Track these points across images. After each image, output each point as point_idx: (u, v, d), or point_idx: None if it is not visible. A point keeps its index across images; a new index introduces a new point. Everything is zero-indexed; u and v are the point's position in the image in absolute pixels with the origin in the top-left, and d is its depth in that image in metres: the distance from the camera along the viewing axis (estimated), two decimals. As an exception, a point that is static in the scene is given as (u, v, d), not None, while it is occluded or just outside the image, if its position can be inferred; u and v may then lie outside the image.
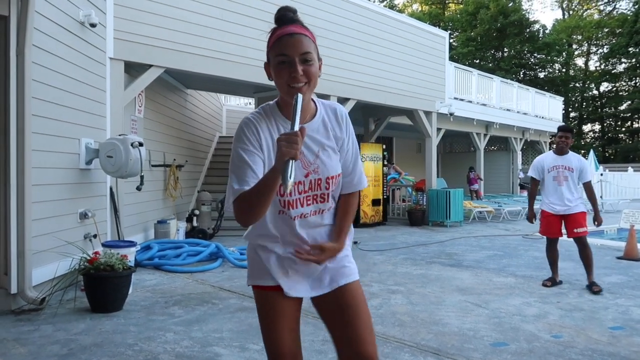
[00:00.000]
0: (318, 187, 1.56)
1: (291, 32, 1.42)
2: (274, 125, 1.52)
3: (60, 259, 4.41)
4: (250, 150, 1.46)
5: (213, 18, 6.90)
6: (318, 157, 1.54)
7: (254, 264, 1.65)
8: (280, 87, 1.46)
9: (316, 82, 1.46)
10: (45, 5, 4.37)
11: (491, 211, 12.27)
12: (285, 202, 1.54)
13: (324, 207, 1.60)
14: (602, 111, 36.29)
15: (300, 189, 1.54)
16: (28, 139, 4.01)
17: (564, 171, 5.06)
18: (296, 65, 1.40)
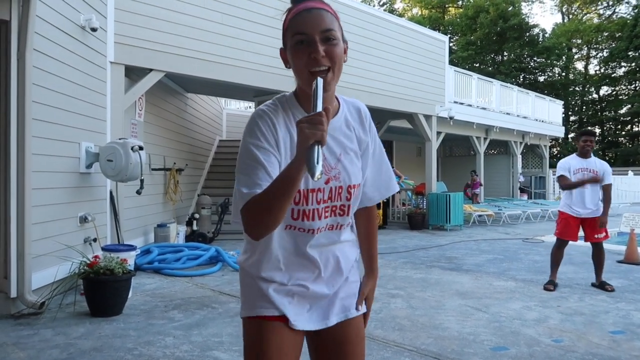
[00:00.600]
0: (338, 196, 1.30)
1: (310, 7, 1.20)
2: (292, 121, 1.26)
3: (60, 263, 4.40)
4: (264, 147, 1.20)
5: (213, 22, 6.92)
6: (340, 161, 1.30)
7: (251, 290, 1.35)
8: (298, 74, 1.22)
9: (341, 67, 1.23)
10: (46, 9, 4.39)
11: (491, 215, 12.27)
12: (300, 213, 1.26)
13: (342, 221, 1.34)
14: (602, 115, 36.33)
15: (319, 197, 1.27)
16: (28, 143, 4.01)
17: (588, 174, 5.09)
18: (317, 44, 1.17)
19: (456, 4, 39.54)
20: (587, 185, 5.03)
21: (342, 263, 1.38)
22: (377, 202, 1.49)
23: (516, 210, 13.01)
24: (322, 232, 1.31)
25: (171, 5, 6.46)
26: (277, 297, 1.31)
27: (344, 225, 1.35)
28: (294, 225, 1.28)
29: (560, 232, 5.28)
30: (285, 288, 1.32)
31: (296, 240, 1.30)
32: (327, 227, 1.31)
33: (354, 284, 1.43)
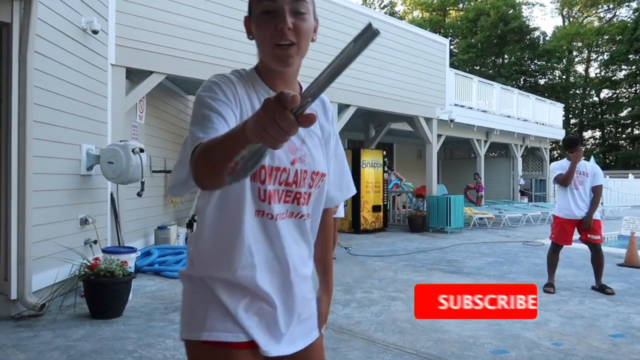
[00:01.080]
0: (302, 182, 1.15)
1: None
2: (254, 93, 1.14)
3: (60, 265, 4.40)
4: (221, 99, 1.05)
5: (214, 25, 6.94)
6: (304, 142, 1.16)
7: (207, 303, 1.10)
8: (262, 46, 1.10)
9: (307, 45, 1.11)
10: (47, 12, 4.40)
11: (491, 217, 12.26)
12: (266, 194, 1.09)
13: (298, 211, 1.16)
14: (602, 118, 36.34)
15: (282, 177, 1.11)
16: (29, 145, 4.02)
17: (579, 176, 5.19)
18: (285, 14, 1.05)
19: (457, 7, 39.60)
20: (578, 185, 5.15)
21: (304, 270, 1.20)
22: (338, 203, 1.37)
23: (516, 213, 13.00)
24: (283, 219, 1.13)
25: (172, 8, 6.48)
26: (246, 317, 1.09)
27: (305, 217, 1.18)
28: (262, 210, 1.10)
29: (556, 236, 5.32)
30: (256, 305, 1.11)
31: (270, 230, 1.12)
32: (287, 214, 1.14)
33: (312, 302, 1.27)
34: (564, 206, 5.24)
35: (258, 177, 1.09)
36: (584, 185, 5.16)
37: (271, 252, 1.13)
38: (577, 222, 5.19)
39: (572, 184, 5.18)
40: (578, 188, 5.17)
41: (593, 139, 38.52)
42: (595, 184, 5.17)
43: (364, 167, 10.72)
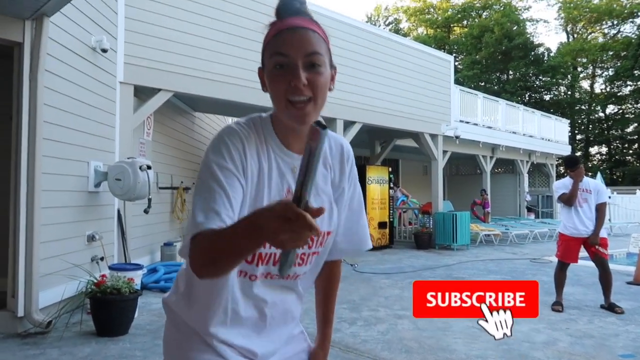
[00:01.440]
0: None
1: (294, 25, 1.01)
2: (265, 149, 1.08)
3: (67, 282, 4.41)
4: (228, 168, 1.00)
5: (221, 43, 7.02)
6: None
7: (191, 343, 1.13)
8: (276, 101, 1.04)
9: (324, 98, 1.04)
10: (58, 31, 4.48)
11: (498, 234, 12.18)
12: (255, 256, 1.07)
13: (299, 271, 1.14)
14: (608, 133, 36.23)
15: None
16: (39, 162, 4.06)
17: (582, 193, 5.19)
18: (299, 70, 0.99)
19: (461, 24, 39.92)
20: (583, 204, 5.14)
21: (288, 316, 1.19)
22: (347, 256, 1.29)
23: (523, 229, 12.92)
24: (273, 278, 1.12)
25: (180, 27, 6.57)
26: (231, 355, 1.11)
27: (300, 276, 1.15)
28: (246, 271, 1.08)
29: (562, 254, 5.30)
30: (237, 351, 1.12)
31: (244, 286, 1.10)
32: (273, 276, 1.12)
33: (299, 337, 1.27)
34: (569, 224, 5.22)
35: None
36: (588, 202, 5.16)
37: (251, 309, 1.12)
38: (583, 239, 5.16)
39: (576, 202, 5.17)
40: (582, 205, 5.16)
41: (599, 155, 38.39)
42: (599, 202, 5.16)
43: (370, 183, 10.72)
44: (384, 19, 42.79)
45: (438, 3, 40.62)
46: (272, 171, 1.07)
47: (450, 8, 39.70)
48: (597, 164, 36.58)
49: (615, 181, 33.27)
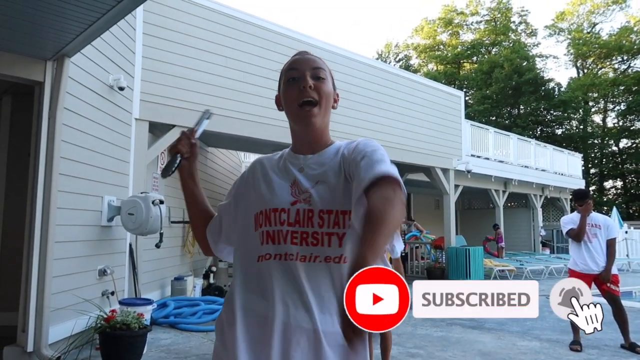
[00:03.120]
0: (309, 221, 1.17)
1: (303, 52, 1.34)
2: (281, 162, 1.32)
3: (77, 317, 4.40)
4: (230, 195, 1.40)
5: (234, 80, 7.19)
6: (314, 187, 1.22)
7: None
8: (289, 108, 1.27)
9: (329, 106, 1.26)
10: (78, 71, 4.63)
11: (513, 270, 11.97)
12: (264, 235, 1.20)
13: (319, 252, 1.15)
14: (623, 167, 35.86)
15: (282, 218, 1.18)
16: (54, 198, 4.13)
17: (591, 228, 5.11)
18: (306, 77, 1.24)
19: (471, 60, 40.43)
20: (591, 238, 5.05)
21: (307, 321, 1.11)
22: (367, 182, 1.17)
23: (538, 265, 12.68)
24: (295, 260, 1.14)
25: (194, 65, 6.76)
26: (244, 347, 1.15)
27: (331, 259, 1.14)
28: (263, 255, 1.19)
29: None
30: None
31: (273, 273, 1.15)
32: (300, 257, 1.14)
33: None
34: (580, 260, 5.12)
35: (257, 223, 1.23)
36: (598, 238, 5.06)
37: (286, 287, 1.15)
38: (593, 276, 5.04)
39: (585, 237, 5.08)
40: (592, 241, 5.07)
41: (614, 189, 37.89)
42: (609, 237, 5.07)
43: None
44: (394, 55, 43.51)
45: (448, 40, 41.29)
46: (280, 169, 1.29)
47: (459, 45, 40.31)
48: (612, 198, 36.05)
49: (632, 215, 32.69)
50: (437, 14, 43.09)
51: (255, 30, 7.60)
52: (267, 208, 1.21)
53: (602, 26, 42.97)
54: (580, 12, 38.83)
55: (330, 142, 1.30)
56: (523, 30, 40.00)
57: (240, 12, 7.52)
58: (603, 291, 5.04)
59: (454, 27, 40.96)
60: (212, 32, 7.02)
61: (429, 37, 41.45)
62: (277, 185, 1.24)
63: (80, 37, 3.70)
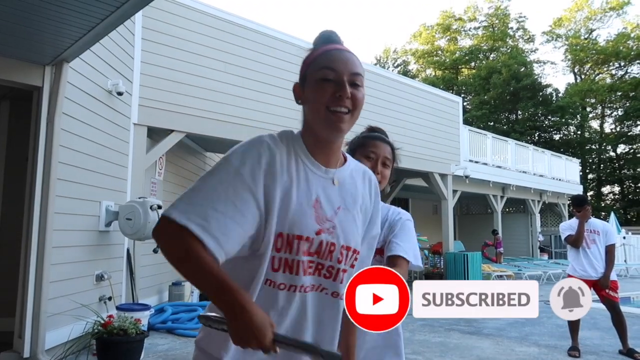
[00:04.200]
0: (329, 255, 1.11)
1: (341, 48, 1.16)
2: (294, 161, 1.12)
3: (74, 322, 4.39)
4: (246, 182, 1.04)
5: (232, 85, 7.21)
6: (337, 214, 1.14)
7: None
8: (314, 110, 1.12)
9: (359, 114, 1.17)
10: (76, 76, 4.63)
11: (511, 275, 11.96)
12: (282, 262, 1.07)
13: (329, 286, 1.13)
14: (620, 173, 35.94)
15: (304, 247, 1.08)
16: (52, 203, 4.12)
17: (590, 234, 5.10)
18: (345, 84, 1.11)
19: (469, 65, 40.57)
20: (591, 245, 5.03)
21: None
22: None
23: (537, 270, 12.68)
24: (308, 292, 1.10)
25: (192, 70, 6.77)
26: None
27: (337, 294, 1.14)
28: (274, 281, 1.07)
29: None
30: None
31: (277, 301, 1.08)
32: (312, 287, 1.11)
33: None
34: (579, 266, 5.11)
35: (275, 247, 1.07)
36: (597, 244, 5.05)
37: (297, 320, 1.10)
38: (592, 282, 5.02)
39: (584, 244, 5.08)
40: (590, 247, 5.06)
41: (612, 195, 37.97)
42: (608, 243, 5.05)
43: (380, 223, 10.66)
44: (392, 61, 43.64)
45: (446, 46, 41.45)
46: (300, 182, 1.11)
47: (457, 50, 40.47)
48: (610, 204, 36.12)
49: (629, 221, 32.73)
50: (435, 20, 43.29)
51: (253, 35, 7.63)
52: (291, 233, 1.07)
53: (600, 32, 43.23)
54: (578, 18, 39.05)
55: (342, 155, 1.23)
56: (521, 36, 40.20)
57: (238, 17, 7.55)
58: (602, 297, 5.03)
59: (452, 33, 41.13)
60: (210, 38, 7.04)
61: (427, 43, 41.61)
62: (300, 207, 1.09)
63: (79, 42, 3.71)
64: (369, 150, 1.68)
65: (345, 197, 1.17)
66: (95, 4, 3.08)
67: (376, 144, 1.72)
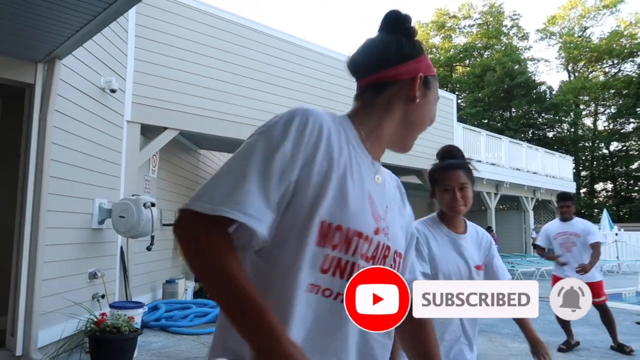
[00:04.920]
0: (383, 259, 0.95)
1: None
2: (345, 142, 0.94)
3: (67, 320, 4.38)
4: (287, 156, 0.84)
5: (226, 83, 7.19)
6: (387, 214, 0.99)
7: None
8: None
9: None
10: (69, 73, 4.61)
11: (504, 272, 12.02)
12: (334, 263, 0.87)
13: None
14: (613, 170, 36.21)
15: (363, 248, 0.91)
16: (44, 200, 4.11)
17: (570, 237, 5.11)
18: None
19: (463, 63, 40.65)
20: (572, 248, 5.06)
21: None
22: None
23: (530, 267, 12.76)
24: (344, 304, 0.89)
25: (186, 68, 6.75)
26: None
27: None
28: (319, 285, 0.87)
29: None
30: None
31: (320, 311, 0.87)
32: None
33: None
34: (559, 270, 5.18)
35: (327, 240, 0.86)
36: (578, 246, 5.06)
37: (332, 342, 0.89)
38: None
39: (564, 247, 5.13)
40: (571, 250, 5.08)
41: (605, 192, 38.22)
42: (592, 242, 5.03)
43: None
44: (387, 58, 43.57)
45: (440, 43, 41.52)
46: (353, 170, 0.93)
47: (452, 48, 40.55)
48: (603, 201, 36.36)
49: (622, 218, 33.01)
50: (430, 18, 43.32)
51: (246, 32, 7.61)
52: (350, 227, 0.88)
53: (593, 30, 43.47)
54: (572, 16, 39.21)
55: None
56: (515, 34, 40.32)
57: (232, 14, 7.53)
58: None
59: (447, 31, 41.19)
60: (204, 35, 7.02)
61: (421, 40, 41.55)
62: (357, 199, 0.91)
63: (72, 39, 3.69)
64: (444, 185, 1.88)
65: (389, 196, 1.03)
66: (88, 1, 3.06)
67: (448, 176, 1.88)
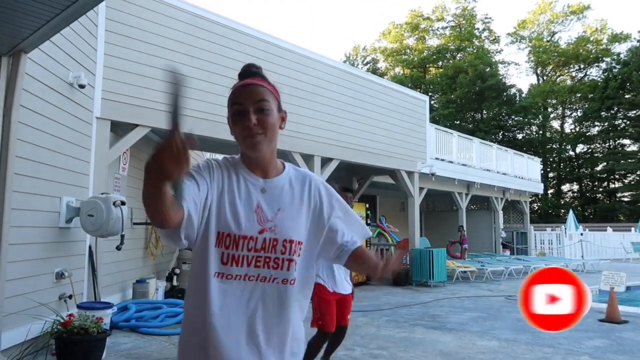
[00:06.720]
0: (272, 249, 1.33)
1: (247, 83, 1.38)
2: (234, 175, 1.38)
3: (32, 322, 4.25)
4: (199, 172, 1.32)
5: (199, 80, 7.10)
6: (277, 215, 1.36)
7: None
8: (237, 140, 1.38)
9: (275, 133, 1.38)
10: (35, 67, 4.47)
11: (474, 271, 12.26)
12: (230, 257, 1.31)
13: (278, 275, 1.33)
14: (579, 172, 37.29)
15: (250, 245, 1.31)
16: (8, 198, 3.98)
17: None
18: (250, 114, 1.33)
19: (436, 65, 41.21)
20: None
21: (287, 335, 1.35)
22: (360, 244, 1.49)
23: (499, 266, 13.03)
24: (253, 281, 1.31)
25: (157, 64, 6.63)
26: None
27: (287, 281, 1.34)
28: (222, 272, 1.30)
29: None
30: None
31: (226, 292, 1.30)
32: (259, 278, 1.32)
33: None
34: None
35: (221, 242, 1.31)
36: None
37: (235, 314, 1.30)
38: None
39: None
40: None
41: (571, 192, 39.35)
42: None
43: (347, 219, 10.72)
44: (362, 58, 43.90)
45: (414, 44, 41.99)
46: (240, 189, 1.36)
47: (425, 49, 41.06)
48: (569, 201, 37.44)
49: (587, 218, 34.03)
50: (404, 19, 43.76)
51: (222, 30, 7.54)
52: (237, 234, 1.31)
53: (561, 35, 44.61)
54: (541, 21, 40.21)
55: (280, 165, 1.45)
56: (487, 37, 41.12)
57: (206, 11, 7.44)
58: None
59: (421, 32, 41.69)
60: (177, 31, 6.92)
61: (396, 41, 42.03)
62: (245, 213, 1.33)
63: (38, 32, 3.58)
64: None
65: (285, 200, 1.39)
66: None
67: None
